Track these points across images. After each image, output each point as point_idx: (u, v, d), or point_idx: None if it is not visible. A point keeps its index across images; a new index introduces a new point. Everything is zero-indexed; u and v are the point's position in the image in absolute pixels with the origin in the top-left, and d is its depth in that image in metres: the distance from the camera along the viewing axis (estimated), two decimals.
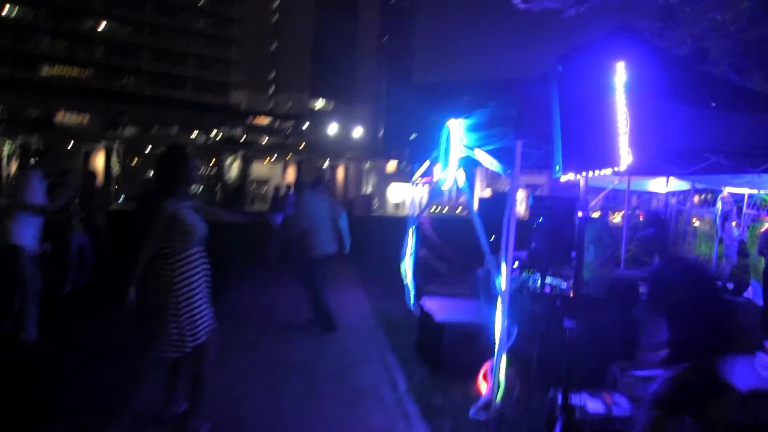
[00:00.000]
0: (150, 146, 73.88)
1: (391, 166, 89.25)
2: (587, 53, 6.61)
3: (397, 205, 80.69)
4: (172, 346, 5.91)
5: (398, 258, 13.03)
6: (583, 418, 6.25)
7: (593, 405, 6.59)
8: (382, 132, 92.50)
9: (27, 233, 9.24)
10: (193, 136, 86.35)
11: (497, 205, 7.86)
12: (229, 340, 6.90)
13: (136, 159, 73.18)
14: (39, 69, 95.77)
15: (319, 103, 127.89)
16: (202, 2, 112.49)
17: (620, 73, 5.84)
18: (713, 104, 7.95)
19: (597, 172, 5.93)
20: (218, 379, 7.02)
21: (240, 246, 21.57)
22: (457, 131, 8.71)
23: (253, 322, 11.94)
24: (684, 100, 7.66)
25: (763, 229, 14.90)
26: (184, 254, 6.00)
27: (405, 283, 12.68)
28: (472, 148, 8.48)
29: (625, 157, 5.71)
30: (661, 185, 16.08)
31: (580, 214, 6.54)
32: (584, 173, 6.21)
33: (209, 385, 6.31)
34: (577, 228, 6.61)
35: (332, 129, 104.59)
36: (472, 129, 8.53)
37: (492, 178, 45.12)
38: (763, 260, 13.53)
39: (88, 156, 64.76)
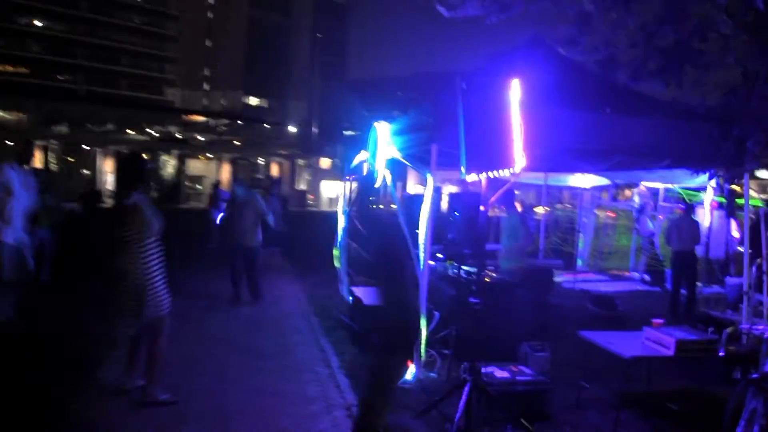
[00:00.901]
0: (84, 144, 73.36)
1: (325, 162, 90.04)
2: (487, 72, 7.63)
3: (330, 201, 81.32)
4: (134, 317, 6.93)
5: (331, 250, 13.97)
6: (490, 381, 7.25)
7: (500, 373, 7.60)
8: (315, 129, 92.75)
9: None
10: (129, 133, 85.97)
11: (421, 202, 8.84)
12: (180, 320, 7.78)
13: (72, 157, 72.50)
14: None
15: (254, 100, 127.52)
16: None
17: (515, 89, 6.85)
18: (608, 110, 9.02)
19: (496, 172, 6.95)
20: (172, 354, 7.88)
21: (185, 237, 22.30)
22: (384, 134, 9.67)
23: (201, 305, 12.88)
24: (580, 107, 8.71)
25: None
26: (145, 241, 6.96)
27: (338, 272, 13.59)
28: (396, 150, 9.47)
29: (520, 160, 6.73)
30: (581, 181, 17.18)
31: (482, 208, 7.52)
32: (485, 174, 7.23)
33: (165, 359, 7.33)
34: (483, 221, 7.60)
35: (266, 126, 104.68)
36: (397, 133, 9.53)
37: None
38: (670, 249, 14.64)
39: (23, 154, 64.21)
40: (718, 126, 9.54)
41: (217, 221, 21.38)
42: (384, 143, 9.64)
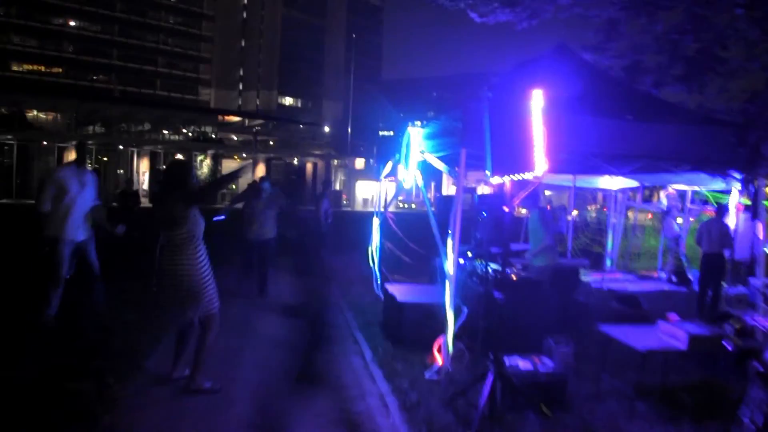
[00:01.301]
0: (120, 144, 74.24)
1: (359, 163, 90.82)
2: (512, 80, 8.15)
3: (365, 201, 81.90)
4: (187, 313, 7.55)
5: (365, 249, 14.52)
6: (513, 371, 7.73)
7: (523, 364, 8.07)
8: (349, 129, 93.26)
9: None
10: (165, 133, 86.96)
11: (453, 203, 9.36)
12: (224, 316, 8.34)
13: (107, 157, 73.33)
14: (9, 66, 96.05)
15: (288, 100, 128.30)
16: None
17: (537, 98, 7.34)
18: (630, 116, 9.48)
19: (519, 175, 7.45)
20: (217, 347, 8.44)
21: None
22: (416, 137, 10.19)
23: (241, 303, 13.47)
24: (603, 113, 9.18)
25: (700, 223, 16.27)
26: (198, 241, 7.57)
27: (372, 270, 14.11)
28: (428, 153, 10.01)
29: (541, 164, 7.22)
30: (611, 183, 17.54)
31: (506, 209, 8.00)
32: (509, 176, 7.73)
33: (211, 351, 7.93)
34: (508, 220, 8.09)
35: (300, 126, 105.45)
36: (428, 137, 10.07)
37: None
38: (699, 250, 14.99)
39: (61, 154, 65.09)
40: (735, 132, 9.97)
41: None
42: (416, 146, 10.18)
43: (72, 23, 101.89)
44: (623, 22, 14.81)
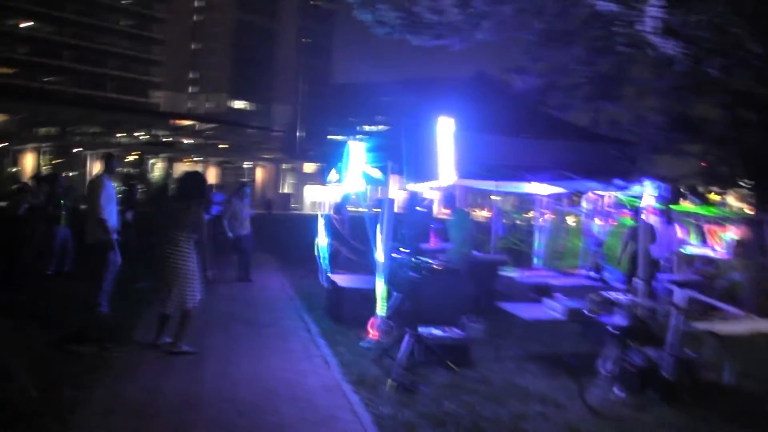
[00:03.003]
0: (74, 147, 74.87)
1: (309, 167, 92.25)
2: (425, 111, 10.31)
3: (314, 204, 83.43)
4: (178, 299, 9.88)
5: (312, 247, 16.53)
6: (427, 336, 9.86)
7: (436, 331, 10.18)
8: (300, 133, 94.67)
9: None
10: (118, 136, 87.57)
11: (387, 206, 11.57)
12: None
13: (60, 160, 73.87)
14: None
15: (240, 104, 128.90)
16: (124, 1, 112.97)
17: (447, 124, 9.49)
18: (534, 134, 11.61)
19: (429, 183, 9.60)
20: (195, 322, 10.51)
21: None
22: (356, 150, 12.29)
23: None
24: (505, 132, 11.31)
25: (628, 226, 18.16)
26: (193, 240, 9.91)
27: (318, 263, 16.08)
28: (367, 164, 12.16)
29: (449, 175, 9.39)
30: (539, 189, 19.43)
31: (418, 208, 10.15)
32: (422, 183, 9.89)
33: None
34: (421, 218, 10.22)
35: (252, 130, 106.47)
36: (366, 150, 12.21)
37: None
38: (619, 249, 16.96)
39: (16, 157, 65.79)
40: (618, 147, 12.18)
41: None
42: (356, 158, 12.30)
43: (23, 25, 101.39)
44: (542, 46, 16.84)
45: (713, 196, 31.16)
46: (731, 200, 29.64)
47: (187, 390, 8.45)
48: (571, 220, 24.48)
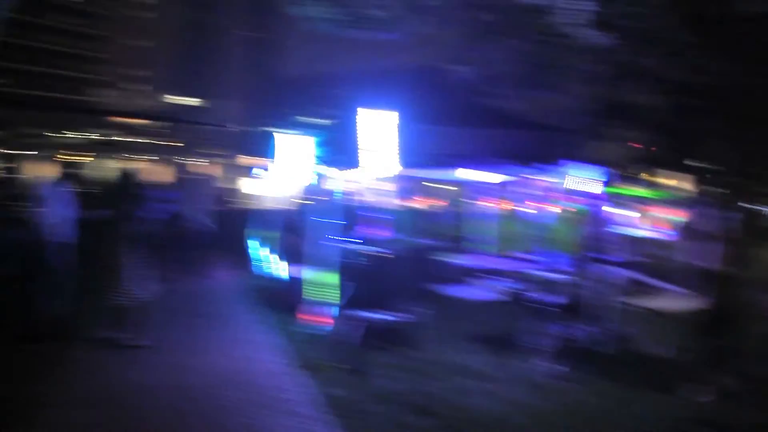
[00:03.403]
0: (22, 149, 74.27)
1: (254, 161, 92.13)
2: (373, 103, 10.73)
3: (258, 198, 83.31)
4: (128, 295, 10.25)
5: (259, 240, 16.85)
6: (373, 319, 10.28)
7: (381, 315, 10.59)
8: (247, 128, 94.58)
9: None
10: (67, 136, 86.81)
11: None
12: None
13: (9, 162, 73.04)
14: None
15: (187, 100, 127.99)
16: None
17: (391, 118, 9.92)
18: (463, 124, 12.07)
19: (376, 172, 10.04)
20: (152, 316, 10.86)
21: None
22: (297, 143, 12.68)
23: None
24: (446, 122, 11.75)
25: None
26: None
27: (263, 257, 16.39)
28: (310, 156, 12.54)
29: (395, 166, 9.82)
30: (490, 177, 19.84)
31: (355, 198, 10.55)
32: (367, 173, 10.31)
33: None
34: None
35: (198, 126, 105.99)
36: (310, 142, 12.59)
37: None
38: (560, 233, 17.40)
39: None
40: (552, 135, 12.71)
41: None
42: (298, 151, 12.69)
43: None
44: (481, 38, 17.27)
45: (660, 180, 31.84)
46: (675, 183, 30.30)
47: (140, 381, 8.77)
48: (513, 206, 24.86)
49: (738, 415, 7.88)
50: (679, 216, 17.83)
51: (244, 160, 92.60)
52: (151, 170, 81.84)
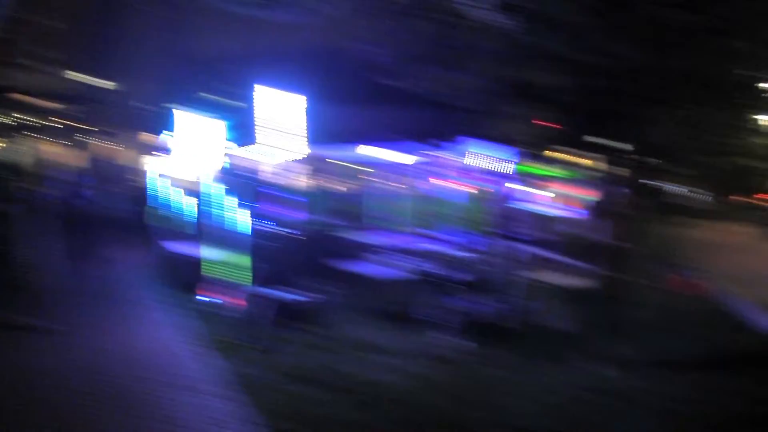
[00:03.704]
0: None
1: (159, 139, 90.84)
2: (279, 84, 10.84)
3: (160, 176, 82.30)
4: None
5: (170, 221, 16.72)
6: (281, 298, 10.40)
7: (288, 295, 10.70)
8: (151, 106, 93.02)
9: None
10: None
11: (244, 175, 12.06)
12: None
13: None
14: None
15: (94, 80, 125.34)
16: None
17: (298, 99, 10.05)
18: (364, 103, 12.22)
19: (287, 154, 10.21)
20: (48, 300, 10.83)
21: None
22: (209, 124, 12.69)
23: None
24: (352, 103, 11.92)
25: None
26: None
27: (174, 238, 16.27)
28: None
29: (303, 146, 9.97)
30: (402, 158, 19.97)
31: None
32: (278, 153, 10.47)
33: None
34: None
35: (104, 106, 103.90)
36: (218, 122, 12.60)
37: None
38: (466, 211, 17.66)
39: None
40: (451, 114, 12.93)
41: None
42: (194, 128, 12.68)
43: None
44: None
45: (568, 159, 32.28)
46: (583, 162, 30.81)
47: (54, 365, 8.62)
48: (421, 185, 25.02)
49: (635, 383, 8.16)
50: (587, 194, 18.27)
51: (154, 140, 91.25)
52: (59, 152, 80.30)
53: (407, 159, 19.70)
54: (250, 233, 12.55)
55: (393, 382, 8.10)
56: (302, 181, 14.82)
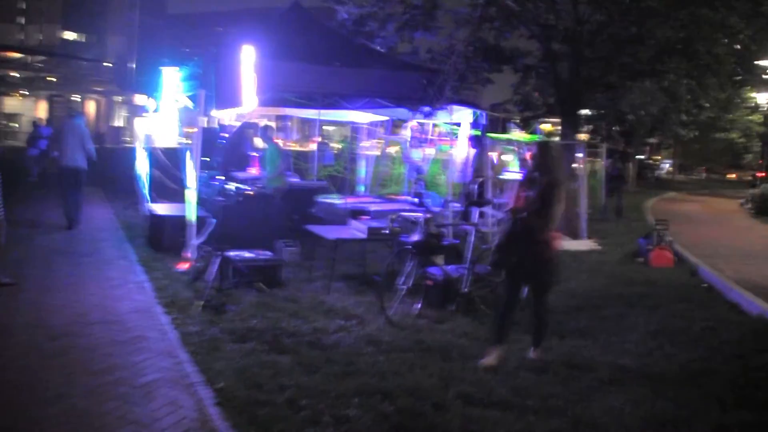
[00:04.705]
0: None
1: (141, 99, 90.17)
2: (230, 40, 10.63)
3: (147, 137, 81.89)
4: None
5: (133, 179, 16.54)
6: (237, 258, 10.28)
7: (247, 254, 10.59)
8: (133, 65, 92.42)
9: None
10: None
11: (210, 135, 11.89)
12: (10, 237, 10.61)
13: None
14: None
15: (71, 35, 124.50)
16: None
17: (248, 52, 9.84)
18: (338, 63, 12.05)
19: (233, 110, 9.99)
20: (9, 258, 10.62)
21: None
22: (171, 78, 12.50)
23: (27, 226, 15.40)
24: (320, 61, 11.74)
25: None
26: None
27: (140, 193, 16.12)
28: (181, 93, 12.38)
29: (250, 102, 9.78)
30: (360, 117, 19.89)
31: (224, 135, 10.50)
32: (227, 110, 10.26)
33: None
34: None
35: (84, 62, 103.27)
36: (181, 79, 12.41)
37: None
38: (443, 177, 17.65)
39: None
40: (426, 76, 12.80)
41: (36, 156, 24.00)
42: (171, 86, 12.52)
43: None
44: None
45: (543, 127, 32.49)
46: (553, 129, 30.91)
47: (1, 319, 8.58)
48: (394, 149, 25.00)
49: (593, 353, 8.11)
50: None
51: (123, 97, 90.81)
52: (27, 106, 79.73)
53: (378, 121, 19.69)
54: (211, 192, 12.46)
55: (341, 344, 8.04)
56: (271, 140, 14.70)
